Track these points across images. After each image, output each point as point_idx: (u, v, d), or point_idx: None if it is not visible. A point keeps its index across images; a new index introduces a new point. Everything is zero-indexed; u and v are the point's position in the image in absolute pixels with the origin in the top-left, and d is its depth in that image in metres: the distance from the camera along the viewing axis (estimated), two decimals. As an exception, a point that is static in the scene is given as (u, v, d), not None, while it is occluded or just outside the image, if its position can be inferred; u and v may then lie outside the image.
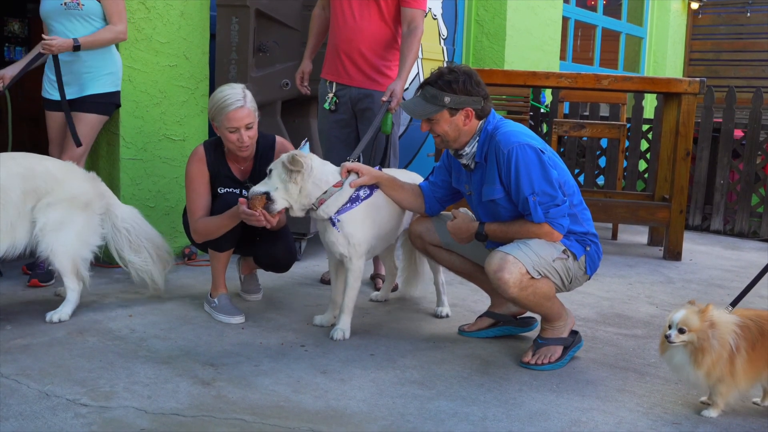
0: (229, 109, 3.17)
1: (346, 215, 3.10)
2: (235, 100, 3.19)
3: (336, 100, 3.90)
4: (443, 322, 3.50)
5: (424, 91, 2.93)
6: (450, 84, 2.87)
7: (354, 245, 3.15)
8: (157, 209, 4.37)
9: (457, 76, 2.88)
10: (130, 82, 4.15)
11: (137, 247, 3.47)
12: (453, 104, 2.87)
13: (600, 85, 4.94)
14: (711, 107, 6.20)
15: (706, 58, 9.91)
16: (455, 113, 2.89)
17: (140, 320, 3.30)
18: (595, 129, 5.87)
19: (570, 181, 2.94)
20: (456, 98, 2.87)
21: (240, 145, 3.22)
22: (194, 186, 3.31)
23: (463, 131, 2.92)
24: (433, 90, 2.89)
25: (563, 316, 3.02)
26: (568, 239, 2.94)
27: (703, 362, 2.42)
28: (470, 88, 2.88)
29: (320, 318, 3.34)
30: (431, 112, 2.90)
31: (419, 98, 2.94)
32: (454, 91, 2.87)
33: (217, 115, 3.20)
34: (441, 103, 2.87)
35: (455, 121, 2.90)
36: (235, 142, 3.21)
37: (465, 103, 2.88)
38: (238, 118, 3.18)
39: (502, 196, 2.90)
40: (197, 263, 4.33)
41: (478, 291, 3.70)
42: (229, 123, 3.18)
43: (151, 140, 4.30)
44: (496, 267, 2.83)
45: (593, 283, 4.16)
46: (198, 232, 3.26)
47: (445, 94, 2.87)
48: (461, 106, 2.88)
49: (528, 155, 2.80)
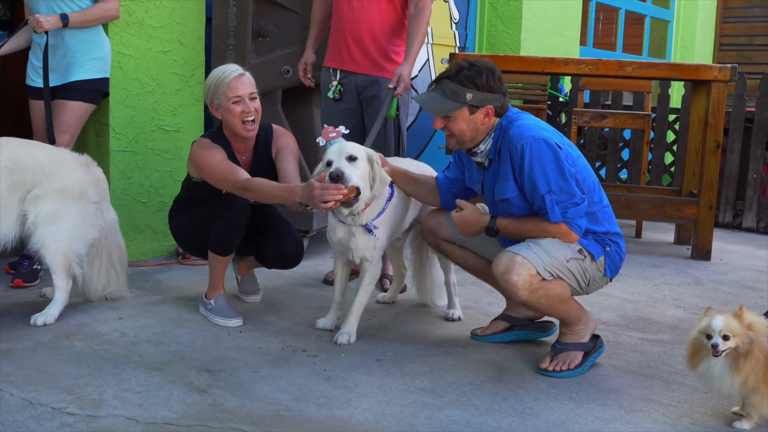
0: (230, 78, 3.20)
1: (379, 220, 3.13)
2: (235, 70, 3.23)
3: (340, 89, 3.89)
4: (455, 325, 3.49)
5: (441, 85, 2.90)
6: (473, 79, 2.85)
7: (379, 248, 3.19)
8: (149, 205, 4.37)
9: (480, 71, 2.85)
10: (120, 69, 4.15)
11: (93, 258, 3.45)
12: (475, 101, 2.85)
13: (623, 72, 4.92)
14: (743, 95, 6.16)
15: (738, 43, 9.85)
16: (475, 111, 2.87)
17: (131, 323, 3.29)
18: (618, 119, 5.85)
19: (590, 178, 2.93)
20: (478, 95, 2.85)
21: (246, 119, 3.21)
22: (221, 163, 3.18)
23: (480, 130, 2.91)
24: (452, 85, 2.86)
25: (583, 319, 3.01)
26: (586, 239, 2.93)
27: (743, 368, 2.40)
28: (493, 84, 2.86)
29: (324, 321, 3.34)
30: (451, 108, 2.87)
31: (436, 93, 2.90)
32: (477, 87, 2.84)
33: (216, 89, 3.21)
34: (462, 100, 2.85)
35: (474, 120, 2.88)
36: (240, 115, 3.20)
37: (487, 100, 2.86)
38: (241, 86, 3.20)
39: (515, 194, 2.89)
40: (192, 262, 4.33)
41: (492, 292, 3.69)
42: (231, 92, 3.19)
43: (143, 131, 4.30)
44: (503, 268, 2.82)
45: (616, 285, 4.15)
46: (252, 190, 3.11)
47: (466, 90, 2.84)
48: (483, 104, 2.86)
49: (543, 150, 2.79)
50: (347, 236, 3.15)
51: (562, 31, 7.44)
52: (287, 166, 3.36)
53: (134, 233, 4.31)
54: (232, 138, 3.34)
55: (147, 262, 4.33)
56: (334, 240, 3.21)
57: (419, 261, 3.68)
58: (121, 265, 3.56)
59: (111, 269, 3.52)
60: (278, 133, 3.45)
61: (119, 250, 3.55)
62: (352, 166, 2.97)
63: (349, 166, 2.96)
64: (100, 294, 3.51)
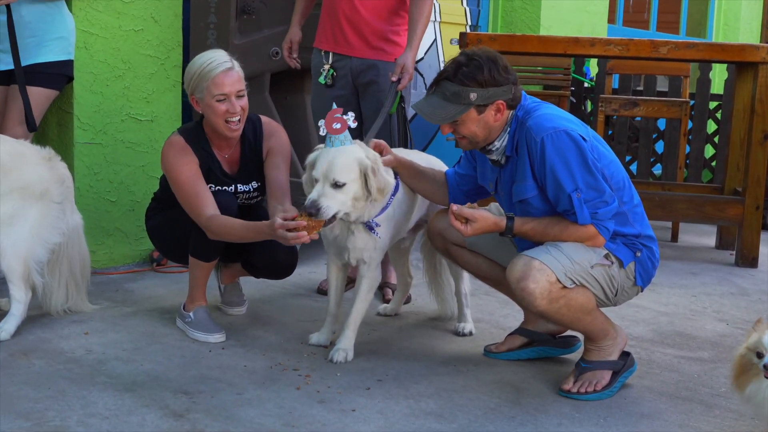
0: (216, 72, 3.17)
1: (382, 216, 3.12)
2: (223, 62, 3.20)
3: (333, 73, 3.89)
4: (466, 340, 3.49)
5: (440, 87, 2.89)
6: (473, 76, 2.84)
7: (379, 250, 3.19)
8: (120, 204, 4.37)
9: (480, 65, 2.85)
10: (86, 50, 4.15)
11: (53, 266, 3.44)
12: (481, 100, 2.85)
13: (657, 53, 4.92)
14: (794, 80, 6.15)
15: (790, 20, 9.84)
16: (484, 110, 2.87)
17: (98, 339, 3.29)
18: (652, 107, 5.84)
19: (619, 174, 2.93)
20: (483, 92, 2.85)
21: (230, 119, 3.21)
22: (190, 182, 3.24)
23: (493, 128, 2.92)
24: (453, 86, 2.86)
25: (611, 334, 3.01)
26: (614, 242, 2.93)
27: None
28: (498, 76, 2.86)
29: (317, 336, 3.34)
30: (456, 113, 2.87)
31: (436, 98, 2.90)
32: (480, 84, 2.84)
33: (200, 82, 3.20)
34: (466, 101, 2.85)
35: (484, 119, 2.89)
36: (224, 114, 3.20)
37: (494, 96, 2.86)
38: (228, 83, 3.18)
39: (535, 194, 2.90)
40: (168, 269, 4.34)
41: (507, 303, 3.69)
42: (216, 89, 3.17)
43: (112, 120, 4.30)
44: (519, 275, 2.82)
45: (649, 295, 4.14)
46: (213, 232, 3.19)
47: (469, 89, 2.84)
48: (490, 101, 2.87)
49: (565, 143, 2.79)
50: (345, 234, 3.15)
51: (588, 7, 7.44)
52: (277, 174, 3.36)
53: (102, 237, 4.31)
54: (213, 135, 3.33)
55: (117, 269, 4.33)
56: (330, 238, 3.21)
57: (433, 268, 3.68)
58: (82, 275, 3.56)
59: (71, 280, 3.51)
60: (269, 130, 3.44)
61: (82, 258, 3.55)
62: (336, 193, 2.94)
63: (330, 196, 2.93)
64: (60, 308, 3.51)
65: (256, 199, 3.49)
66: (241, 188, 3.41)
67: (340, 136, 2.99)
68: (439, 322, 3.70)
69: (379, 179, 3.02)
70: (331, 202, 2.93)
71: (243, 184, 3.42)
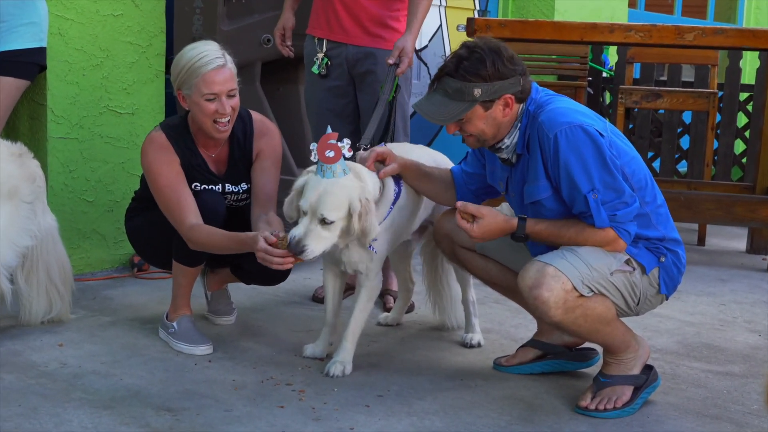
0: (208, 69, 3.16)
1: (380, 227, 3.11)
2: (215, 58, 3.19)
3: (327, 62, 3.90)
4: (473, 353, 3.49)
5: (442, 84, 2.90)
6: (476, 70, 2.85)
7: (377, 260, 3.19)
8: (98, 204, 4.37)
9: (483, 57, 2.85)
10: (61, 37, 4.15)
11: (29, 273, 3.44)
12: (486, 96, 2.86)
13: (682, 40, 4.90)
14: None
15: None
16: (491, 105, 2.88)
17: (74, 351, 3.29)
18: (676, 99, 5.83)
19: (640, 172, 2.93)
20: (488, 87, 2.85)
21: (219, 120, 3.20)
22: (170, 186, 3.25)
23: (502, 124, 2.92)
24: (455, 82, 2.87)
25: (632, 346, 3.00)
26: (636, 246, 2.92)
27: None
28: (503, 69, 2.86)
29: (312, 348, 3.34)
30: (460, 112, 2.88)
31: (438, 95, 2.91)
32: (484, 79, 2.85)
33: (188, 78, 3.19)
34: (470, 98, 2.86)
35: (492, 115, 2.90)
36: (213, 115, 3.19)
37: (501, 90, 2.87)
38: (219, 81, 3.17)
39: (548, 194, 2.90)
40: (149, 275, 4.34)
41: (519, 312, 3.68)
42: (207, 87, 3.17)
43: (90, 113, 4.30)
44: (531, 282, 2.82)
45: (674, 303, 4.14)
46: (195, 242, 3.21)
47: (473, 84, 2.85)
48: (497, 95, 2.87)
49: (581, 139, 2.79)
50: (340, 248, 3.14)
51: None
52: (264, 179, 3.37)
53: (78, 240, 4.31)
54: (199, 132, 3.33)
55: (94, 275, 4.33)
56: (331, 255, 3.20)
57: (434, 272, 3.68)
58: (63, 282, 3.55)
59: (52, 288, 3.51)
60: (261, 128, 3.43)
61: (60, 262, 3.55)
62: (323, 231, 2.95)
63: (316, 235, 2.94)
64: (41, 319, 3.50)
65: (246, 201, 3.49)
66: (230, 188, 3.41)
67: (333, 166, 2.95)
68: (445, 333, 3.70)
69: (365, 224, 2.99)
70: (317, 244, 2.94)
71: (231, 185, 3.41)
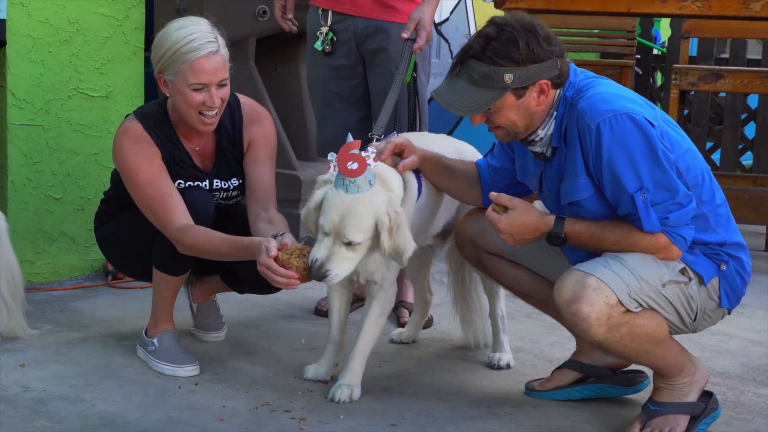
0: (197, 56, 3.14)
1: None
2: (206, 42, 3.15)
3: (333, 38, 3.90)
4: (502, 375, 3.48)
5: (466, 68, 2.88)
6: (508, 53, 2.83)
7: (394, 267, 3.17)
8: (66, 202, 4.38)
9: (515, 37, 2.83)
10: (23, 8, 4.15)
11: None
12: (518, 82, 2.84)
13: (748, 11, 4.88)
14: None
15: None
16: (523, 93, 2.87)
17: (38, 372, 3.29)
18: (740, 80, 5.79)
19: (697, 166, 2.92)
20: (521, 72, 2.84)
21: (206, 113, 3.19)
22: (152, 182, 3.23)
23: (537, 113, 2.91)
24: (482, 66, 2.84)
25: (688, 369, 2.99)
26: (692, 253, 2.91)
27: None
28: (538, 50, 2.85)
29: (315, 369, 3.34)
30: (488, 101, 2.86)
31: (462, 82, 2.89)
32: (516, 62, 2.83)
33: (173, 63, 3.16)
34: (500, 85, 2.84)
35: (525, 104, 2.89)
36: (199, 107, 3.18)
37: (535, 75, 2.85)
38: (209, 70, 3.15)
39: (590, 194, 2.88)
40: (126, 284, 4.34)
41: (556, 328, 3.68)
42: (194, 76, 3.14)
43: (57, 97, 4.30)
44: (570, 295, 2.81)
45: (737, 319, 4.12)
46: (187, 245, 3.20)
47: (503, 69, 2.83)
48: (531, 81, 2.86)
49: (627, 129, 2.78)
50: None
51: (656, -45, 7.43)
52: (260, 171, 3.38)
53: (43, 243, 4.32)
54: (181, 122, 3.32)
55: (62, 284, 4.34)
56: None
57: (461, 281, 3.68)
58: (13, 294, 3.55)
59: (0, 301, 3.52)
60: (251, 115, 3.43)
61: (9, 270, 3.55)
62: (348, 253, 2.94)
63: (341, 258, 2.93)
64: None
65: (236, 199, 3.48)
66: (218, 184, 3.40)
67: (357, 179, 2.91)
68: (469, 352, 3.70)
69: (397, 241, 2.96)
70: (341, 267, 2.94)
71: (221, 180, 3.41)
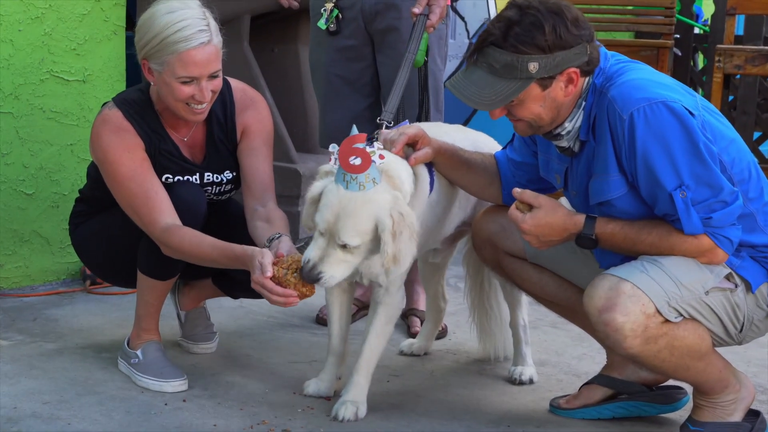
0: (187, 47, 3.13)
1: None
2: (198, 31, 3.14)
3: (338, 15, 3.91)
4: (524, 391, 3.50)
5: (485, 57, 2.88)
6: (532, 39, 2.83)
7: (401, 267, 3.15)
8: (38, 198, 4.39)
9: (539, 21, 2.82)
10: (-9, -18, 4.19)
11: None
12: (544, 71, 2.84)
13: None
14: None
15: None
16: (550, 83, 2.87)
17: (8, 388, 3.30)
18: (790, 62, 5.82)
19: (743, 160, 2.92)
20: (547, 60, 2.83)
21: (194, 106, 3.20)
22: (134, 176, 3.24)
23: (564, 105, 2.92)
24: (503, 55, 2.84)
25: (732, 385, 3.01)
26: (738, 257, 2.92)
27: None
28: (566, 35, 2.84)
29: (316, 383, 3.35)
30: (511, 93, 2.86)
31: (481, 71, 2.90)
32: (541, 49, 2.83)
33: (159, 51, 3.15)
34: (524, 75, 2.84)
35: (551, 95, 2.89)
36: (186, 99, 3.18)
37: (563, 62, 2.85)
38: (200, 62, 3.14)
39: (622, 192, 2.89)
40: (106, 290, 4.34)
41: (584, 339, 3.69)
42: (183, 69, 3.14)
43: (27, 81, 4.31)
44: (602, 303, 2.82)
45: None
46: (173, 248, 3.21)
47: (527, 57, 2.83)
48: (558, 70, 2.86)
49: (664, 120, 2.78)
50: None
51: None
52: (255, 162, 3.40)
53: (13, 244, 4.33)
54: (167, 111, 3.32)
55: (34, 289, 4.36)
56: None
57: (479, 287, 3.69)
58: None
59: None
60: (242, 100, 3.44)
61: None
62: (344, 255, 2.96)
63: (336, 261, 2.95)
64: None
65: (230, 194, 3.50)
66: (210, 177, 3.42)
67: (360, 176, 2.92)
68: (487, 366, 3.71)
69: (399, 247, 2.96)
70: (335, 270, 2.95)
71: (213, 173, 3.43)
